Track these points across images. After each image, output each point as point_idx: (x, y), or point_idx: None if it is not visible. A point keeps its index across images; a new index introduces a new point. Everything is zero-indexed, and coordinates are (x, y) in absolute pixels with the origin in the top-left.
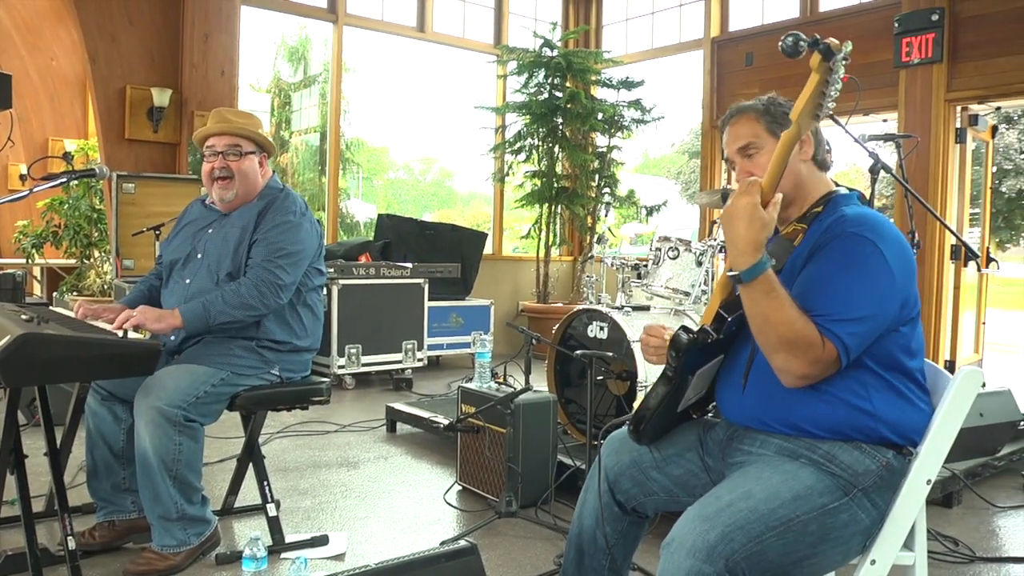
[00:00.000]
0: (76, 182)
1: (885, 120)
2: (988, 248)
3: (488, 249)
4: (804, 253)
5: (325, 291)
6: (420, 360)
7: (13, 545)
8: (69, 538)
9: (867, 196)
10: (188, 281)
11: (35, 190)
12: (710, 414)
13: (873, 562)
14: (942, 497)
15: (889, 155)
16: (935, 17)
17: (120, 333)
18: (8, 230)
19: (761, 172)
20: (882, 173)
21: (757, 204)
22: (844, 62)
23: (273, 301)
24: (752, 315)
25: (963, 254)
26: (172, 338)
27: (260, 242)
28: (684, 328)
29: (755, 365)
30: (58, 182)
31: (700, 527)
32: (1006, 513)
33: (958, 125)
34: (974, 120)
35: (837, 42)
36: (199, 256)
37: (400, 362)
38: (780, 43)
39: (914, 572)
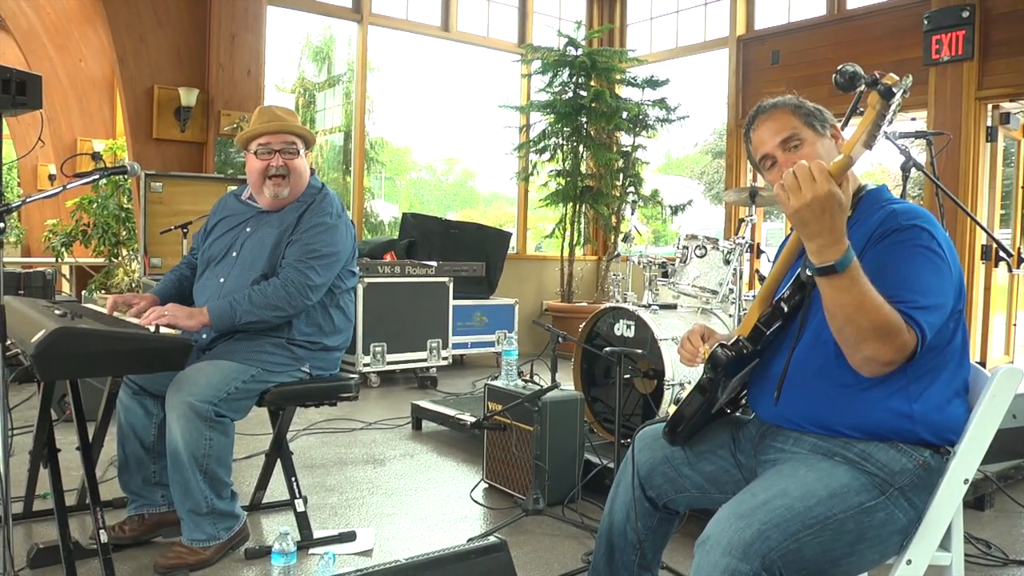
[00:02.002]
0: (105, 181)
1: (914, 119)
2: (1020, 248)
3: (512, 248)
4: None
5: None
6: (445, 358)
7: (46, 538)
8: (101, 531)
9: (896, 195)
10: (222, 280)
11: (67, 187)
12: (740, 411)
13: (909, 562)
14: (974, 499)
15: (917, 154)
16: (966, 14)
17: (152, 329)
18: (38, 229)
19: None
20: (911, 171)
21: (837, 190)
22: (904, 95)
23: (301, 302)
24: (841, 305)
25: (994, 254)
26: (204, 336)
27: (295, 242)
28: (722, 345)
29: (788, 379)
30: (90, 179)
31: (736, 525)
32: None
33: (989, 123)
34: (1006, 118)
35: (896, 78)
36: (235, 255)
37: (425, 360)
38: (835, 77)
39: (951, 573)
